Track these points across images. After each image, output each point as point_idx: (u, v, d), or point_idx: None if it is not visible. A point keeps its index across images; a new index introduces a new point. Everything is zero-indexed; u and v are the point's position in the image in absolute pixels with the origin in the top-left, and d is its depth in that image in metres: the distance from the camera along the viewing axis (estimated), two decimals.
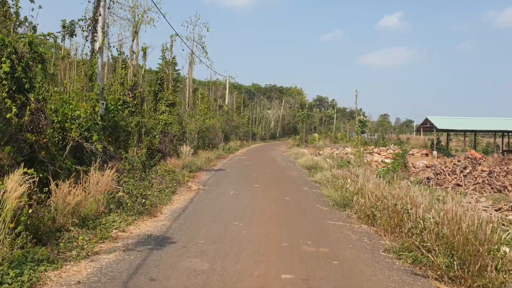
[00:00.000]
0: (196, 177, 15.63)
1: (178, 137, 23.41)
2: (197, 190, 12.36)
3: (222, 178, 15.63)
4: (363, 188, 10.39)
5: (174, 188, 11.86)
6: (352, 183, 11.05)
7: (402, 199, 8.13)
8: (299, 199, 11.54)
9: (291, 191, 13.08)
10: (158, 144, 19.41)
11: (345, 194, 11.11)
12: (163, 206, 9.71)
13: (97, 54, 13.88)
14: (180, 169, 15.82)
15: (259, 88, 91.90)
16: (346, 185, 11.32)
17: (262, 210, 9.66)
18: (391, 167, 18.66)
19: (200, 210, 9.46)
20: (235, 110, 57.29)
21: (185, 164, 17.41)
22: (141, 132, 17.57)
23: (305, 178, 16.84)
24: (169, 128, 20.09)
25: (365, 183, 10.44)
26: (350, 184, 10.96)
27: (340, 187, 12.52)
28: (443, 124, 42.17)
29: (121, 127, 15.94)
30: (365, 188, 10.18)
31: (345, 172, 13.53)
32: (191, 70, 34.81)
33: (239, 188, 13.15)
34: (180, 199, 10.74)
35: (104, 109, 13.73)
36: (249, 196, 11.57)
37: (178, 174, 14.59)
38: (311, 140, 47.72)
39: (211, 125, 32.37)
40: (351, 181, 11.15)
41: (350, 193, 10.74)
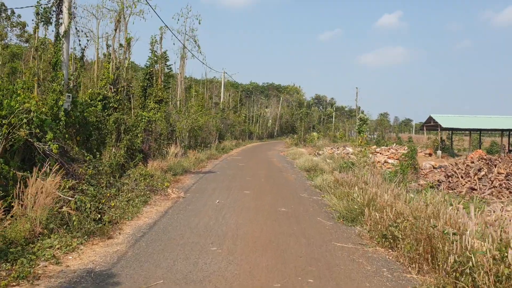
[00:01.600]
0: (180, 182, 13.66)
1: (165, 136, 21.44)
2: (176, 199, 10.39)
3: (209, 183, 13.67)
4: (376, 199, 8.46)
5: (147, 197, 9.89)
6: (361, 192, 9.11)
7: (435, 218, 6.19)
8: (297, 211, 9.59)
9: (288, 199, 11.13)
10: (140, 144, 17.46)
11: (353, 205, 9.17)
12: (127, 222, 7.74)
13: (62, 38, 11.89)
14: (162, 172, 13.85)
15: (256, 86, 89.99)
16: (354, 193, 9.37)
17: (250, 230, 7.69)
18: (400, 168, 16.74)
19: (171, 228, 7.50)
20: (232, 108, 55.30)
21: (169, 166, 15.45)
22: (120, 130, 15.57)
23: (304, 182, 14.90)
24: (153, 125, 18.11)
25: (379, 192, 8.49)
26: (359, 194, 9.02)
27: (345, 195, 10.58)
28: (447, 122, 40.29)
29: (93, 124, 13.98)
30: (378, 199, 8.24)
31: (350, 177, 11.59)
32: (183, 65, 32.83)
33: (227, 196, 11.20)
34: (151, 212, 8.77)
35: (70, 103, 11.75)
36: (237, 208, 9.61)
37: (158, 178, 12.63)
38: (309, 139, 45.82)
39: (203, 123, 30.41)
40: (359, 190, 9.20)
41: (359, 205, 8.80)
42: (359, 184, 10.24)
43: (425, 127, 45.67)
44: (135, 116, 18.27)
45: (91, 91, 19.03)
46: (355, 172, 15.82)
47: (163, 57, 30.38)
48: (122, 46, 23.38)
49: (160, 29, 28.58)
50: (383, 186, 8.91)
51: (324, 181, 13.55)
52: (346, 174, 12.42)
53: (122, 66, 22.50)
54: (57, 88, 11.27)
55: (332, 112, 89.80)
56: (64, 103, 11.34)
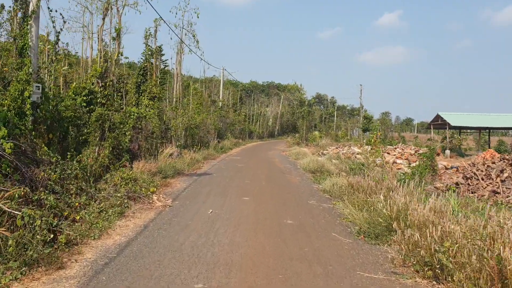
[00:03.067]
0: (170, 186, 11.97)
1: (158, 135, 19.75)
2: (161, 208, 8.69)
3: (204, 187, 11.97)
4: (407, 210, 6.77)
5: (124, 207, 8.18)
6: (386, 201, 7.41)
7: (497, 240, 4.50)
8: (306, 223, 7.89)
9: (294, 207, 9.44)
10: (129, 143, 15.77)
11: (375, 217, 7.48)
12: (91, 242, 6.05)
13: (29, 20, 10.18)
14: (150, 175, 12.16)
15: (256, 85, 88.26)
16: (377, 203, 7.67)
17: (249, 253, 5.99)
18: (417, 170, 15.03)
19: (147, 251, 5.80)
20: (231, 107, 53.56)
21: (159, 168, 13.76)
22: (104, 127, 13.87)
23: (310, 186, 13.21)
24: (143, 123, 16.41)
25: (413, 204, 6.79)
26: (385, 204, 7.32)
27: (363, 203, 8.90)
28: (456, 120, 38.55)
29: (70, 120, 12.30)
30: (411, 211, 6.54)
31: (368, 181, 9.88)
32: (180, 60, 31.10)
33: (223, 203, 9.50)
34: (126, 227, 7.07)
35: (40, 95, 10.06)
36: (234, 220, 7.91)
37: (143, 182, 10.95)
38: (311, 138, 44.13)
39: (201, 121, 28.71)
40: (384, 199, 7.50)
41: (385, 217, 7.11)
42: (382, 190, 8.55)
43: (432, 126, 43.94)
44: (123, 113, 16.58)
45: (75, 85, 17.37)
46: (365, 173, 14.15)
47: (158, 52, 28.75)
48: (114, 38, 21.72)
49: (155, 22, 26.91)
50: (415, 195, 7.22)
51: (335, 185, 11.85)
52: (362, 178, 10.72)
53: (111, 59, 20.83)
54: (23, 77, 9.58)
55: (333, 111, 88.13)
56: (32, 95, 9.65)
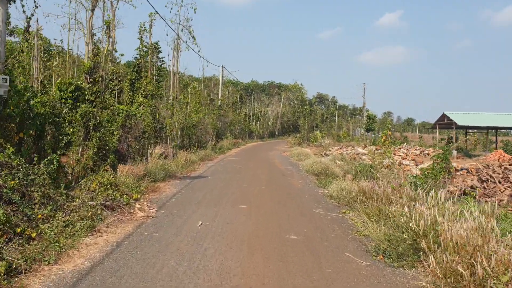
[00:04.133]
0: (158, 191, 10.70)
1: (151, 134, 18.50)
2: (142, 220, 7.43)
3: (196, 193, 10.70)
4: (438, 225, 5.50)
5: (96, 219, 6.91)
6: (410, 213, 6.14)
7: None
8: (313, 239, 6.62)
9: (298, 217, 8.17)
10: (116, 143, 14.53)
11: (397, 232, 6.22)
12: (45, 268, 4.78)
13: None
14: (136, 179, 10.90)
15: (257, 85, 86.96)
16: (400, 216, 6.39)
17: (244, 284, 4.72)
18: (431, 173, 13.73)
19: (111, 282, 4.53)
20: (231, 106, 52.31)
21: (148, 171, 12.50)
22: (89, 126, 12.62)
23: (315, 191, 11.94)
24: (132, 121, 15.15)
25: (443, 218, 5.52)
26: (409, 217, 6.04)
27: (378, 213, 7.64)
28: (463, 120, 37.22)
29: (46, 117, 11.05)
30: (444, 228, 5.27)
31: (383, 187, 8.59)
32: (176, 57, 29.84)
33: (215, 213, 8.23)
34: (94, 246, 5.80)
35: (7, 88, 8.81)
36: (227, 235, 6.64)
37: (127, 188, 9.69)
38: (313, 138, 42.90)
39: (198, 121, 27.45)
40: (409, 211, 6.22)
41: (410, 234, 5.84)
42: (402, 199, 7.28)
43: (438, 126, 42.59)
44: (111, 110, 15.33)
45: (60, 81, 16.13)
46: (374, 175, 12.87)
47: (154, 48, 27.48)
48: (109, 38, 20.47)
49: (150, 16, 25.68)
50: (446, 207, 5.95)
51: (343, 191, 10.57)
52: (373, 182, 9.43)
53: (100, 53, 19.57)
54: None
55: (335, 111, 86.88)
56: None
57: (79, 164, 11.92)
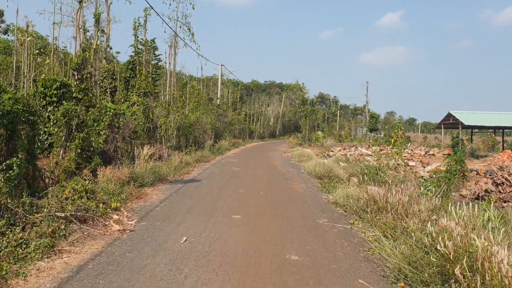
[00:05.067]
0: (143, 198, 9.59)
1: (143, 134, 17.39)
2: (117, 235, 6.32)
3: (185, 200, 9.59)
4: (471, 247, 4.39)
5: (60, 235, 5.80)
6: (435, 232, 5.04)
7: None
8: (318, 260, 5.51)
9: (300, 230, 7.06)
10: (103, 144, 13.46)
11: (420, 254, 5.11)
12: None
13: None
14: (119, 184, 9.80)
15: (258, 84, 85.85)
16: (423, 234, 5.28)
17: None
18: (444, 176, 12.59)
19: None
20: (231, 105, 51.20)
21: (135, 174, 11.41)
22: (71, 125, 11.54)
23: (318, 197, 10.83)
24: (120, 120, 14.04)
25: (480, 239, 4.40)
26: (434, 237, 4.93)
27: (393, 226, 6.53)
28: (469, 119, 36.01)
29: (16, 114, 9.93)
30: (488, 255, 4.16)
31: (400, 194, 7.45)
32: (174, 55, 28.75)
33: (205, 225, 7.12)
34: (49, 271, 4.70)
35: None
36: (214, 256, 5.53)
37: (108, 194, 8.60)
38: (315, 138, 41.79)
39: (195, 120, 26.35)
40: (432, 228, 5.11)
41: (437, 257, 4.74)
42: (422, 212, 6.16)
43: (443, 125, 41.40)
44: (97, 109, 14.25)
45: (44, 77, 15.07)
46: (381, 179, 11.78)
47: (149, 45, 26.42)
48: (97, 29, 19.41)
49: (145, 11, 24.65)
50: (481, 223, 4.84)
51: (350, 198, 9.46)
52: (383, 188, 8.30)
53: (89, 48, 18.48)
54: None
55: (336, 111, 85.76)
56: None
57: (59, 167, 10.87)
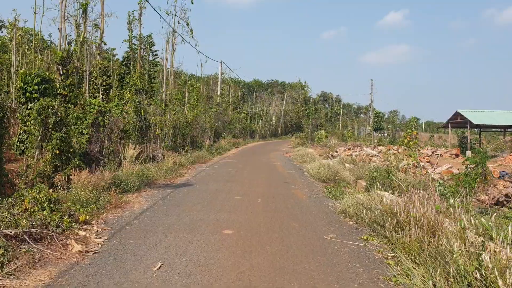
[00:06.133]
0: (123, 206, 8.34)
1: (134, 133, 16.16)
2: (76, 258, 5.09)
3: (171, 210, 8.34)
4: None
5: None
6: (481, 259, 3.77)
7: None
8: None
9: (303, 251, 5.79)
10: (86, 144, 12.23)
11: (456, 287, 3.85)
12: None
13: None
14: (96, 190, 8.55)
15: (260, 83, 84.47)
16: (467, 262, 4.02)
17: None
18: (464, 180, 11.29)
19: None
20: (231, 104, 49.95)
21: (119, 178, 10.17)
22: (48, 124, 10.32)
23: (324, 204, 9.55)
24: (106, 118, 12.82)
25: None
26: (490, 265, 3.67)
27: (418, 245, 5.27)
28: (479, 118, 34.62)
29: None
30: None
31: (423, 207, 6.17)
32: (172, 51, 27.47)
33: (187, 245, 5.87)
34: None
35: None
36: None
37: (79, 203, 7.37)
38: (317, 138, 40.49)
39: (193, 119, 25.10)
40: (488, 258, 3.84)
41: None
42: (459, 231, 4.89)
43: (450, 124, 40.04)
44: (80, 106, 13.04)
45: (24, 72, 13.82)
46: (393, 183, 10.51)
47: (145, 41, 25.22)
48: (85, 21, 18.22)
49: (139, 3, 23.41)
50: None
51: (360, 205, 8.19)
52: (403, 197, 7.01)
53: (76, 41, 17.28)
54: None
55: (339, 110, 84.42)
56: None
57: (33, 171, 9.67)
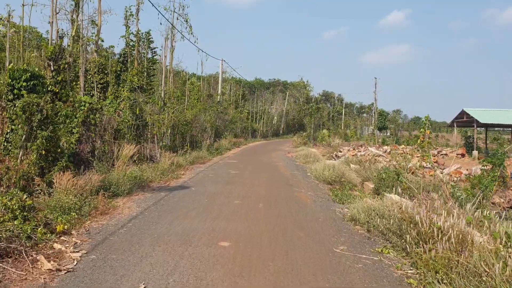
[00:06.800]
0: (110, 213, 7.56)
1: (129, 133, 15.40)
2: (44, 279, 4.32)
3: (163, 216, 7.56)
4: None
5: None
6: None
7: None
8: None
9: (312, 268, 5.00)
10: (75, 144, 11.47)
11: None
12: None
13: None
14: (81, 195, 7.78)
15: (262, 83, 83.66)
16: None
17: None
18: (480, 183, 10.48)
19: None
20: (232, 103, 49.18)
21: (110, 181, 9.40)
22: (33, 122, 9.56)
23: (331, 210, 8.76)
24: (97, 117, 12.03)
25: None
26: None
27: (446, 262, 4.49)
28: (486, 117, 33.71)
29: None
30: None
31: (452, 218, 5.37)
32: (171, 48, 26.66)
33: (177, 260, 5.09)
34: None
35: None
36: None
37: (60, 210, 6.61)
38: (320, 137, 39.66)
39: (192, 118, 24.33)
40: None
41: None
42: (497, 249, 4.11)
43: (456, 123, 39.15)
44: (70, 103, 12.27)
45: (12, 67, 13.07)
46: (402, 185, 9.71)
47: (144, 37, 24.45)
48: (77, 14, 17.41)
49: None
50: None
51: (372, 211, 7.40)
52: (425, 203, 6.22)
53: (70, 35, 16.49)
54: None
55: (341, 109, 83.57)
56: None
57: (16, 173, 8.92)
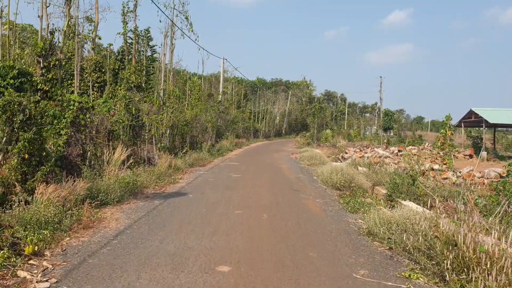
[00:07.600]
0: (95, 227, 6.66)
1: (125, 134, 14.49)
2: None
3: (154, 232, 6.66)
4: None
5: None
6: None
7: None
8: None
9: None
10: (63, 147, 10.55)
11: None
12: None
13: None
14: (65, 205, 6.89)
15: (264, 82, 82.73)
16: None
17: None
18: (507, 189, 9.54)
19: None
20: (234, 103, 48.26)
21: (98, 188, 8.51)
22: (14, 123, 8.67)
23: (344, 221, 7.84)
24: (87, 117, 11.13)
25: None
26: None
27: None
28: (495, 117, 32.70)
29: None
30: None
31: (503, 243, 4.46)
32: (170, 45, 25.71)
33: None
34: None
35: None
36: None
37: (36, 226, 5.73)
38: (324, 137, 38.73)
39: (192, 118, 23.44)
40: None
41: None
42: None
43: (463, 123, 38.15)
44: (58, 102, 11.38)
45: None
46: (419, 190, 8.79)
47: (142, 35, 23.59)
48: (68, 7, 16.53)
49: None
50: None
51: (393, 224, 6.47)
52: (468, 220, 5.29)
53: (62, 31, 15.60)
54: None
55: (344, 109, 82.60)
56: None
57: None
